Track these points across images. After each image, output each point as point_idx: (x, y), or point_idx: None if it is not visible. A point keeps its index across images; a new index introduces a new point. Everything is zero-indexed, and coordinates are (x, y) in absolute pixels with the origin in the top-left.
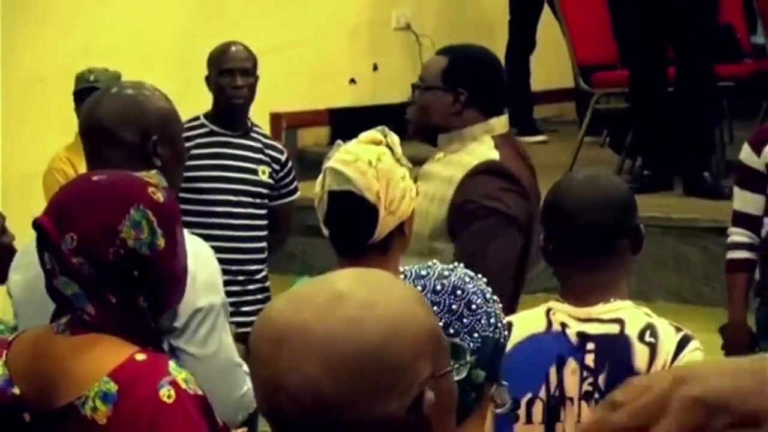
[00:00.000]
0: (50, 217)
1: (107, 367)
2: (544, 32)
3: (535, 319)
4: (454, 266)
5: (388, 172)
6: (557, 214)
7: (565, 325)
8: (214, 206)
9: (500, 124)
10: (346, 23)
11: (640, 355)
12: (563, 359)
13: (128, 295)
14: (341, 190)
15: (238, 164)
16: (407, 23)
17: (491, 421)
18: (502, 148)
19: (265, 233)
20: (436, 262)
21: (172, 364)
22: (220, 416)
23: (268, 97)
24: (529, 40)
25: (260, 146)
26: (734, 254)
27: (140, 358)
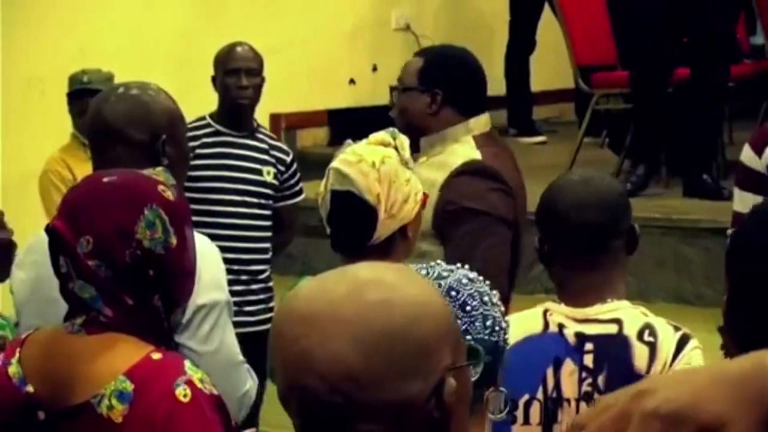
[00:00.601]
0: (64, 220)
1: (123, 366)
2: (543, 33)
3: (532, 320)
4: (455, 267)
5: (391, 174)
6: (552, 214)
7: (562, 326)
8: (219, 206)
9: (480, 123)
10: (345, 24)
11: (639, 354)
12: (560, 360)
13: (144, 295)
14: (342, 190)
15: (243, 164)
16: (407, 24)
17: (488, 421)
18: (483, 147)
19: (269, 234)
20: (440, 262)
21: (187, 363)
22: None
23: (267, 97)
24: (529, 40)
25: (266, 147)
26: None
27: (156, 357)
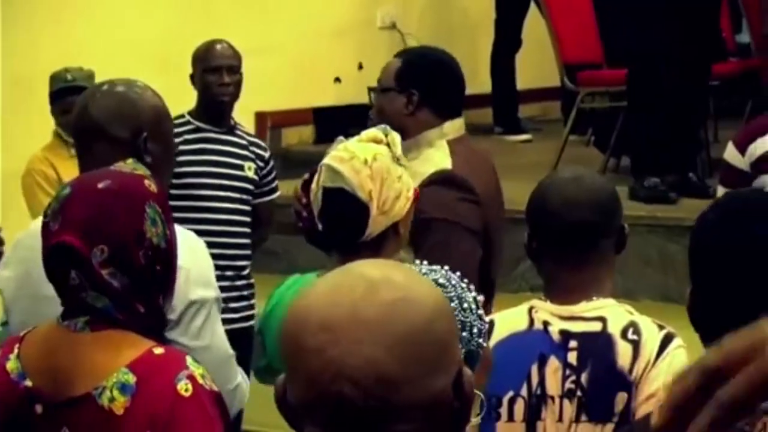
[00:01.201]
0: (74, 234)
1: (126, 358)
2: (529, 31)
3: (517, 317)
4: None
5: (383, 171)
6: (542, 211)
7: (547, 323)
8: (202, 201)
9: (455, 127)
10: (331, 22)
11: (622, 352)
12: (545, 358)
13: (153, 297)
14: (334, 187)
15: (224, 160)
16: (392, 22)
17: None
18: (457, 153)
19: (249, 230)
20: (421, 262)
21: (189, 358)
22: None
23: (252, 96)
24: (514, 38)
25: (245, 143)
26: None
27: (158, 351)
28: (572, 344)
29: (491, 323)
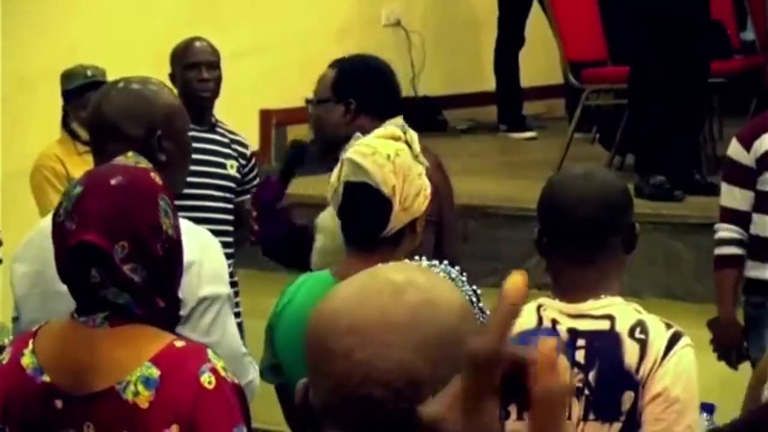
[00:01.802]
0: (95, 232)
1: (148, 353)
2: (533, 28)
3: (526, 315)
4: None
5: (405, 167)
6: (551, 207)
7: (555, 321)
8: (184, 200)
9: (396, 124)
10: (335, 20)
11: (630, 351)
12: None
13: (172, 290)
14: (357, 181)
15: (207, 158)
16: (397, 20)
17: None
18: None
19: (232, 228)
20: (417, 258)
21: (209, 352)
22: None
23: (257, 94)
24: (518, 36)
25: (227, 141)
26: (722, 250)
27: (179, 345)
28: (580, 342)
29: None
